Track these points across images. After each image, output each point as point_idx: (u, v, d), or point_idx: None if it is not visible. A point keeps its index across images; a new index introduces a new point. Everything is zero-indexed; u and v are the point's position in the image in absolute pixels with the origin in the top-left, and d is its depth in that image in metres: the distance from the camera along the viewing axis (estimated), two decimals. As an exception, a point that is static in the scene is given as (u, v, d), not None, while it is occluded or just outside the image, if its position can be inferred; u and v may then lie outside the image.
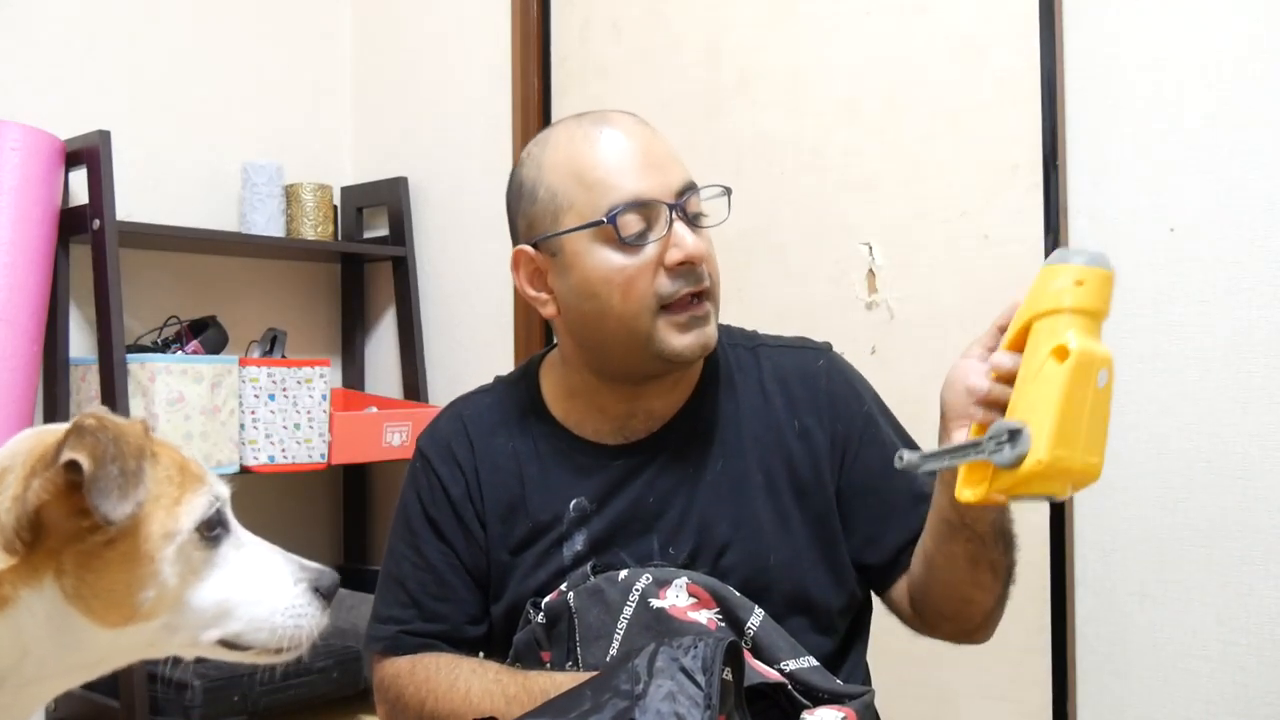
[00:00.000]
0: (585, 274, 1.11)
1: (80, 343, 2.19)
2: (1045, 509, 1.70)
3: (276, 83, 2.59)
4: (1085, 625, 1.68)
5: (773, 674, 1.03)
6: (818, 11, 1.97)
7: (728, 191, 1.15)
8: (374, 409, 2.42)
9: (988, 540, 1.05)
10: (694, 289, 1.10)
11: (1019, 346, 0.87)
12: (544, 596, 1.13)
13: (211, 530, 0.85)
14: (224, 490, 0.89)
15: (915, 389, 1.82)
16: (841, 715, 1.03)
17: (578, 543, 1.14)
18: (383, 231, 2.61)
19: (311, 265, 2.66)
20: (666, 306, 1.10)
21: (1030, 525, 1.70)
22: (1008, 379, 0.88)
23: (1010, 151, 1.75)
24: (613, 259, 1.09)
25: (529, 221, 1.15)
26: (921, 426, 1.82)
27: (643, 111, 1.21)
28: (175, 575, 0.82)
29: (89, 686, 2.03)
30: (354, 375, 2.66)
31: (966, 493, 0.88)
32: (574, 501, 1.15)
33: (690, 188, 1.12)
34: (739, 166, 2.06)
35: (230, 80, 2.50)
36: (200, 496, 0.84)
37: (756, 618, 1.07)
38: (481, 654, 1.19)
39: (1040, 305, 0.85)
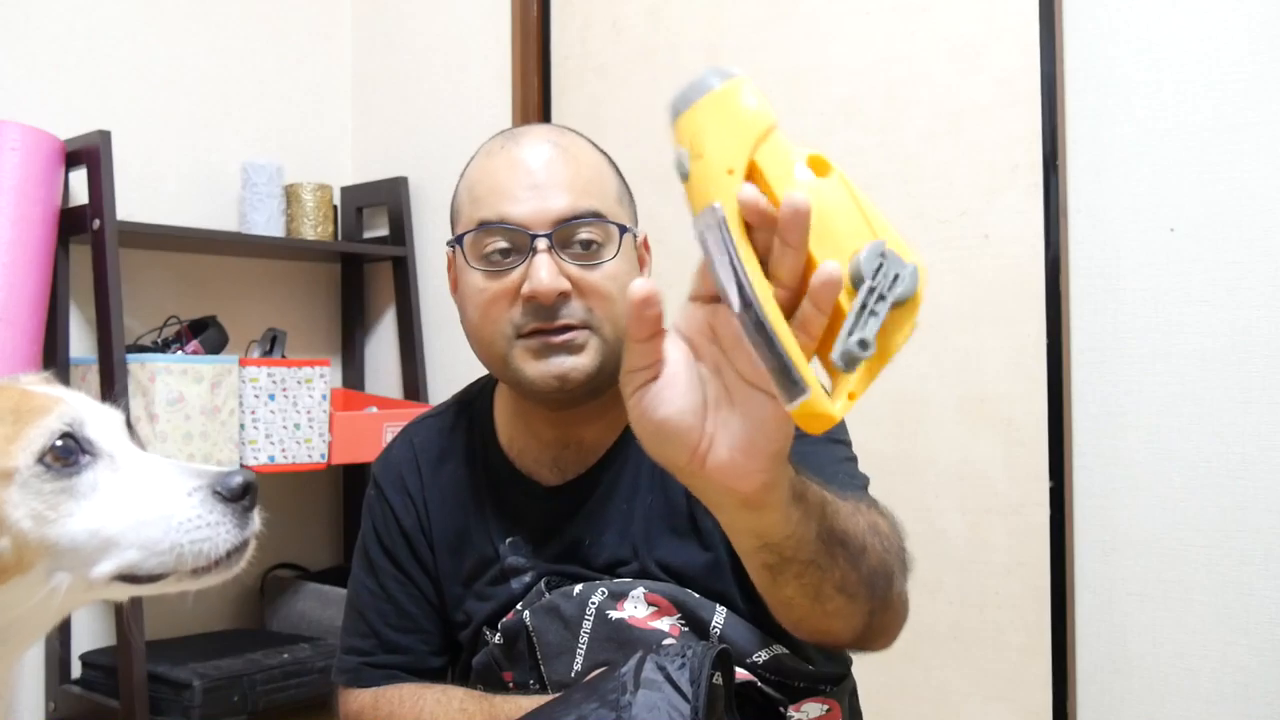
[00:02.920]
0: (461, 287, 1.10)
1: (80, 343, 2.19)
2: (1046, 507, 1.70)
3: (276, 83, 2.59)
4: (1085, 625, 1.68)
5: (742, 673, 1.00)
6: (818, 11, 1.97)
7: (622, 231, 1.06)
8: (374, 409, 2.42)
9: (821, 560, 0.80)
10: (542, 325, 1.03)
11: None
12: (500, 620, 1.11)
13: (67, 458, 0.78)
14: (82, 414, 0.80)
15: (914, 389, 1.82)
16: (825, 708, 1.02)
17: (527, 576, 1.12)
18: (383, 231, 2.61)
19: (311, 265, 2.66)
20: (524, 334, 1.04)
21: (1030, 525, 1.71)
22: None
23: (1010, 152, 1.75)
24: (476, 279, 1.06)
25: (451, 225, 1.14)
26: (921, 427, 1.83)
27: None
28: (27, 516, 0.76)
29: (89, 686, 2.07)
30: (354, 375, 2.66)
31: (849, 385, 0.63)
32: (509, 540, 1.13)
33: (579, 217, 1.04)
34: (739, 166, 2.06)
35: (230, 80, 2.50)
36: (36, 428, 0.78)
37: (719, 616, 1.03)
38: (449, 672, 1.18)
39: (747, 141, 0.63)
